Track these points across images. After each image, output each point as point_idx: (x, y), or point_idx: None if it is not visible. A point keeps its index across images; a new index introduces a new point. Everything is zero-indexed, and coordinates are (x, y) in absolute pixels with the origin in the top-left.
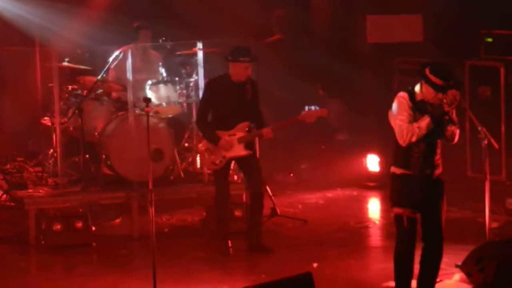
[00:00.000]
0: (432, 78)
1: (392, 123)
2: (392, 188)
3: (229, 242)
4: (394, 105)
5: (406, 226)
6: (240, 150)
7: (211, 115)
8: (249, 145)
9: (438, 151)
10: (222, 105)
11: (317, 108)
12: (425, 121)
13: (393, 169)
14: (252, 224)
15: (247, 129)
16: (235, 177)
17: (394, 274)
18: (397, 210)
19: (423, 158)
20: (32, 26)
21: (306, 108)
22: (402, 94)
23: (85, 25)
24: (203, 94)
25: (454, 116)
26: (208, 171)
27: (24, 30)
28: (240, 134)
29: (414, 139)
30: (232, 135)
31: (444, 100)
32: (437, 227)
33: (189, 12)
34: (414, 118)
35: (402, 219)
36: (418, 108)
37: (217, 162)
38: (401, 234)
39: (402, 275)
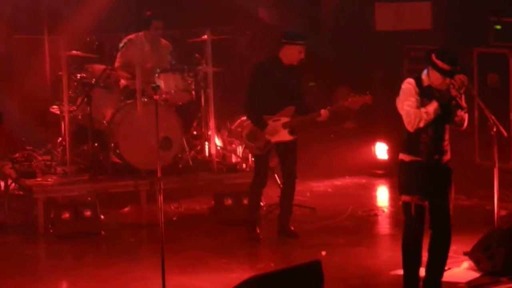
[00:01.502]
0: (439, 63)
1: (400, 109)
2: (400, 175)
3: (258, 228)
4: (401, 92)
5: (414, 214)
6: (285, 135)
7: (258, 97)
8: (293, 131)
9: (446, 137)
10: (270, 88)
11: (362, 95)
12: (432, 106)
13: (402, 156)
14: (283, 208)
15: (292, 113)
16: (244, 165)
17: (402, 262)
18: (405, 197)
19: (431, 144)
20: (41, 15)
21: (352, 94)
22: (409, 80)
23: (94, 13)
24: (252, 78)
25: (463, 101)
26: (218, 159)
27: (32, 19)
28: (285, 119)
29: (422, 124)
30: (277, 120)
31: (452, 85)
32: (445, 214)
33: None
34: (422, 104)
35: (410, 206)
36: (425, 93)
37: (262, 147)
38: (409, 222)
39: (410, 263)
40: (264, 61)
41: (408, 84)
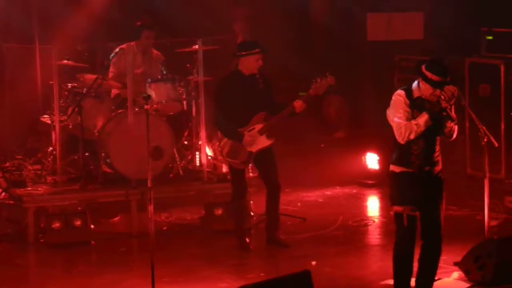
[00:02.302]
0: (428, 74)
1: (390, 121)
2: (391, 186)
3: (247, 238)
4: (391, 104)
5: (406, 224)
6: (264, 141)
7: (227, 114)
8: (271, 134)
9: (437, 148)
10: (237, 101)
11: (323, 78)
12: (423, 118)
13: (392, 167)
14: (270, 217)
15: (263, 118)
16: (228, 177)
17: (393, 272)
18: (397, 208)
19: (422, 155)
20: (32, 24)
21: (313, 81)
22: (399, 92)
23: (85, 23)
24: (218, 95)
25: (452, 112)
26: (209, 169)
27: (23, 28)
28: (259, 126)
29: (412, 136)
30: (251, 129)
31: (442, 97)
32: (436, 225)
33: (190, 9)
34: (412, 116)
35: (402, 217)
36: (415, 105)
37: (246, 159)
38: (401, 232)
39: (401, 273)
40: (225, 77)
41: (398, 96)
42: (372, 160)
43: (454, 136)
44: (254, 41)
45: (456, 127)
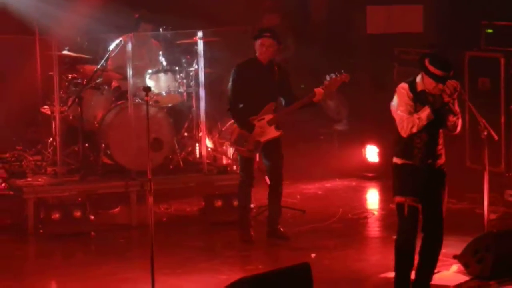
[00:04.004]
0: (432, 68)
1: (394, 114)
2: (393, 177)
3: (251, 230)
4: (395, 97)
5: (407, 215)
6: (273, 132)
7: (241, 100)
8: (279, 126)
9: (440, 141)
10: (250, 88)
11: (338, 75)
12: (425, 112)
13: (395, 159)
14: (272, 209)
15: (273, 109)
16: (234, 167)
17: (394, 263)
18: (399, 198)
19: (425, 148)
20: (32, 14)
21: (327, 77)
22: (403, 85)
23: (85, 13)
24: (233, 81)
25: (456, 106)
26: (208, 161)
27: (23, 19)
28: (269, 117)
29: (414, 129)
30: (261, 119)
31: (444, 91)
32: (437, 218)
33: (191, 0)
34: (415, 109)
35: (403, 207)
36: (418, 99)
37: (253, 148)
38: (402, 223)
39: (402, 265)
40: (241, 63)
41: (402, 89)
42: (372, 153)
43: (458, 129)
44: (269, 29)
45: (460, 121)
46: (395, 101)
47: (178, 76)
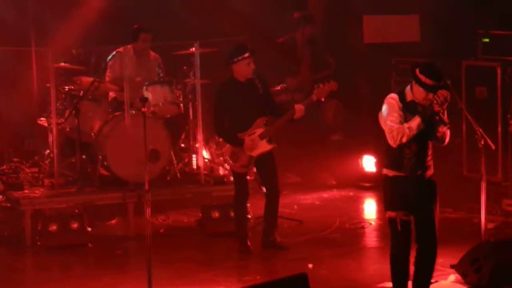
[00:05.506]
0: (422, 78)
1: (382, 124)
2: (385, 191)
3: (248, 241)
4: (384, 107)
5: (400, 230)
6: (264, 146)
7: (227, 121)
8: (271, 139)
9: (429, 152)
10: (237, 107)
11: (326, 83)
12: (415, 122)
13: (385, 171)
14: (267, 222)
15: (264, 123)
16: (231, 178)
17: (391, 275)
18: (391, 213)
19: (414, 159)
20: (28, 27)
21: (315, 86)
22: (392, 96)
23: (82, 25)
24: (216, 102)
25: (445, 117)
26: (205, 172)
27: (19, 31)
28: (259, 131)
29: (404, 139)
30: (251, 134)
31: (435, 101)
32: (430, 228)
33: (187, 12)
34: (405, 119)
35: (396, 222)
36: (408, 108)
37: (246, 164)
38: (395, 237)
39: (398, 277)
40: (223, 84)
41: (391, 100)
42: (369, 163)
43: (447, 141)
44: (242, 45)
45: (448, 132)
46: (384, 111)
47: (175, 87)
